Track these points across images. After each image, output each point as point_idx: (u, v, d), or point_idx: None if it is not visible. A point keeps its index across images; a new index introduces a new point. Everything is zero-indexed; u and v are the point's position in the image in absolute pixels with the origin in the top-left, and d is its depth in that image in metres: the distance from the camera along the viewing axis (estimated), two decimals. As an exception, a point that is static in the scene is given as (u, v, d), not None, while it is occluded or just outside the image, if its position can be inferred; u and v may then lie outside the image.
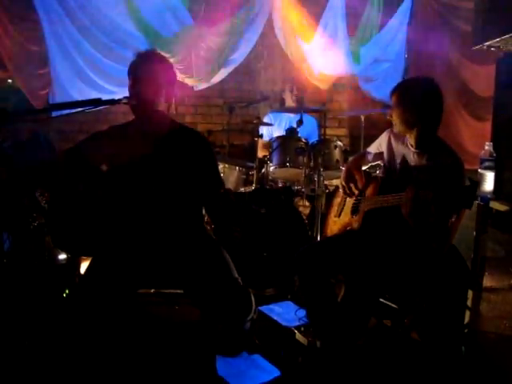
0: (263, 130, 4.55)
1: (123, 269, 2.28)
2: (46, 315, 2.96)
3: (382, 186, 2.66)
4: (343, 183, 2.87)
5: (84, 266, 2.92)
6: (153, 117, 2.41)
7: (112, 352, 2.41)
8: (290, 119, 4.78)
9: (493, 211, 2.79)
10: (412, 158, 2.63)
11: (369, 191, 2.75)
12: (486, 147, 2.83)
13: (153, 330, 2.98)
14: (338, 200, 2.98)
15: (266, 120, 4.62)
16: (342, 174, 2.91)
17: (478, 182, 2.21)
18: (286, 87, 4.91)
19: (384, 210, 2.54)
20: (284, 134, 4.15)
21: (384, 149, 2.82)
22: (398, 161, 2.70)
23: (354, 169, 2.90)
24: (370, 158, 2.98)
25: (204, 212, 2.62)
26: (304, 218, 4.04)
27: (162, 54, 2.62)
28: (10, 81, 4.18)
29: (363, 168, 2.98)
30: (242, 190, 4.07)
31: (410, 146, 2.64)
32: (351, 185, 2.83)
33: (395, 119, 2.59)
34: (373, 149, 2.95)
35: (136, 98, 2.32)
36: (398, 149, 2.72)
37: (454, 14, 4.71)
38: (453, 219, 2.61)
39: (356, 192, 2.81)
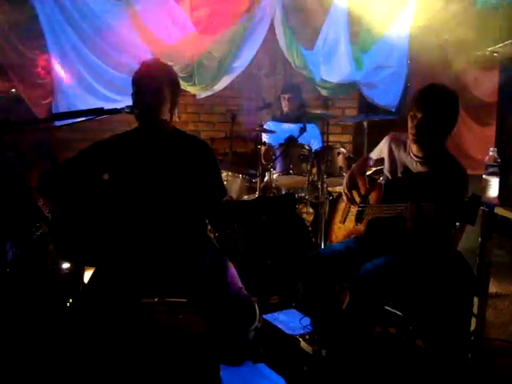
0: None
1: (127, 278, 2.27)
2: (49, 325, 2.95)
3: (385, 195, 2.64)
4: (345, 191, 2.85)
5: (87, 275, 2.91)
6: (156, 125, 2.41)
7: (116, 361, 2.40)
8: (289, 127, 4.75)
9: (498, 217, 2.77)
10: (414, 166, 2.61)
11: (372, 198, 2.73)
12: (491, 153, 2.81)
13: (157, 339, 2.97)
14: (342, 205, 2.96)
15: (266, 128, 4.60)
16: (345, 181, 2.90)
17: (480, 196, 2.20)
18: (283, 95, 4.84)
19: (388, 218, 2.53)
20: (284, 141, 4.13)
21: (385, 156, 2.80)
22: (400, 170, 2.68)
23: (357, 174, 2.88)
24: (371, 163, 2.96)
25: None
26: (308, 225, 4.03)
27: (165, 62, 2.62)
28: (13, 90, 4.19)
29: (367, 173, 2.97)
30: (246, 197, 4.07)
31: (412, 155, 2.63)
32: (353, 192, 2.83)
33: (426, 131, 2.47)
34: (374, 155, 2.94)
35: (140, 106, 2.31)
36: (400, 157, 2.70)
37: (456, 19, 4.70)
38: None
39: (358, 200, 2.80)
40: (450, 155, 2.57)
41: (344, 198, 2.89)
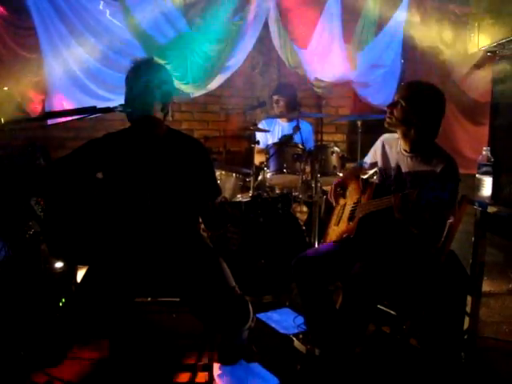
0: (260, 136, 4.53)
1: (120, 277, 2.26)
2: (42, 324, 2.93)
3: (376, 191, 2.65)
4: (332, 186, 2.90)
5: (80, 275, 2.90)
6: (149, 124, 2.41)
7: (109, 360, 2.40)
8: (282, 126, 4.75)
9: (491, 216, 2.78)
10: (406, 162, 2.63)
11: (364, 197, 2.74)
12: (484, 152, 2.82)
13: (150, 338, 2.97)
14: (337, 209, 2.97)
15: (260, 127, 4.59)
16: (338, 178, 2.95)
17: (459, 179, 2.24)
18: (273, 97, 4.77)
19: (380, 216, 2.53)
20: (278, 141, 4.13)
21: (378, 156, 2.83)
22: (393, 166, 2.70)
23: (351, 176, 2.90)
24: (366, 167, 2.98)
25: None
26: (301, 224, 4.03)
27: (158, 60, 2.61)
28: (5, 88, 4.17)
29: (362, 177, 2.98)
30: (239, 196, 4.06)
31: (403, 151, 2.65)
32: (338, 189, 2.87)
33: (396, 115, 2.56)
34: (368, 158, 2.96)
35: (132, 105, 2.31)
36: (393, 156, 2.72)
37: (450, 19, 4.71)
38: (450, 220, 2.61)
39: (341, 201, 2.84)
40: (442, 150, 2.58)
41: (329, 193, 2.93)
